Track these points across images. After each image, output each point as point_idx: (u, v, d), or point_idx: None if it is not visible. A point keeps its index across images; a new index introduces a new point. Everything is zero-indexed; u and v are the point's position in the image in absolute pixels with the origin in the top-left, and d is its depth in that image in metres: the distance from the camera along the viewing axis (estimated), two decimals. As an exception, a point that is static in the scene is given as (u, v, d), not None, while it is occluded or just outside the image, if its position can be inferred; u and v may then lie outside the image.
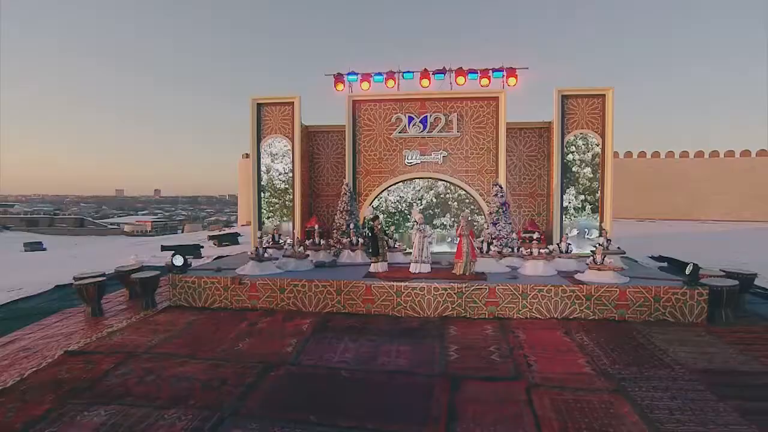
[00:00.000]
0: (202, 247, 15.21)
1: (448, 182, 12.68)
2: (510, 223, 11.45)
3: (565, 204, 12.43)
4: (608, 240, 10.48)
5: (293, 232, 12.30)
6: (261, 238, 11.07)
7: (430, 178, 12.73)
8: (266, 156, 13.47)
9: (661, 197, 27.37)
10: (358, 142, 13.11)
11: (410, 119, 12.73)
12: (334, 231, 12.23)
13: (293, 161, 13.22)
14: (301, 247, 9.98)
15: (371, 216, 9.98)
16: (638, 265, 10.89)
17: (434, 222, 12.87)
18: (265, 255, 9.54)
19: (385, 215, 13.13)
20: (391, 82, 12.81)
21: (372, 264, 9.49)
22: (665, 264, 12.04)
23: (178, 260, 8.94)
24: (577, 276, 8.85)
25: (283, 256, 9.95)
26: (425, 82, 12.63)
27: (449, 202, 12.83)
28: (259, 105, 13.29)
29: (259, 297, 8.60)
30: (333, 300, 8.24)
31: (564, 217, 12.47)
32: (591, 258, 8.99)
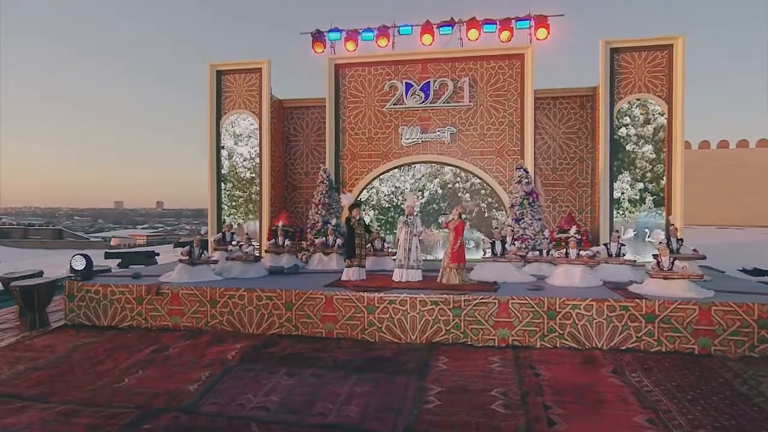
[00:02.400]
0: (158, 254, 13.91)
1: (458, 168, 11.19)
2: (539, 219, 9.74)
3: (616, 195, 10.56)
4: (679, 240, 8.52)
5: (243, 229, 10.79)
6: (212, 234, 9.63)
7: (434, 162, 11.28)
8: (228, 137, 12.16)
9: (751, 199, 24.56)
10: (342, 117, 11.69)
11: (408, 87, 11.25)
12: (308, 230, 10.78)
13: (261, 143, 11.85)
14: (250, 247, 8.45)
15: (350, 203, 8.42)
16: (726, 277, 8.83)
17: (440, 220, 11.15)
18: (203, 256, 8.06)
19: (377, 211, 11.54)
20: (383, 40, 11.38)
21: (345, 269, 7.97)
22: (765, 278, 9.90)
23: (78, 262, 7.52)
24: (633, 288, 7.04)
25: (227, 258, 8.50)
26: (427, 38, 11.13)
27: (459, 194, 11.25)
28: (219, 73, 12.03)
29: (183, 312, 7.41)
30: (281, 317, 7.12)
31: (616, 212, 10.55)
32: (654, 263, 7.10)
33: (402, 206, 11.34)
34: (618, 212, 10.58)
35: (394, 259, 8.13)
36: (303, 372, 5.62)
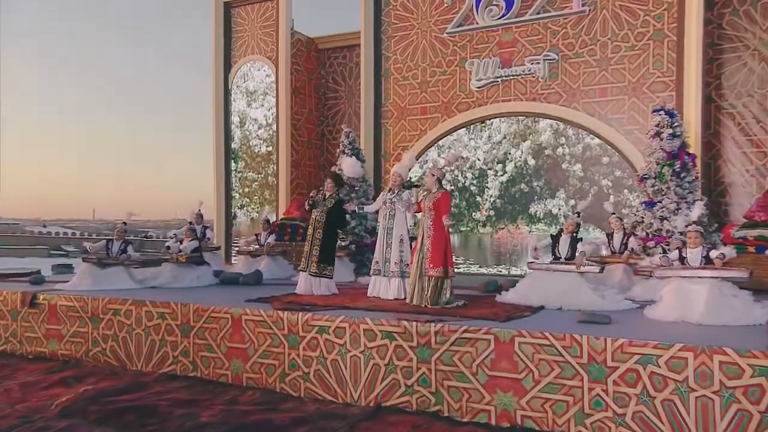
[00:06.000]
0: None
1: (562, 121, 9.84)
2: (702, 200, 7.88)
3: None
4: None
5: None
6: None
7: (522, 114, 10.07)
8: (240, 96, 11.97)
9: None
10: (386, 54, 10.95)
11: (480, -6, 10.48)
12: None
13: (277, 101, 11.42)
14: (189, 244, 8.06)
15: (354, 174, 8.01)
16: None
17: (531, 210, 10.13)
18: (124, 254, 7.81)
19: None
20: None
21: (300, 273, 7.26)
22: None
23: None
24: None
25: (161, 260, 8.41)
26: None
27: (563, 165, 9.78)
28: (227, 6, 12.01)
29: (62, 334, 7.13)
30: (176, 347, 6.53)
31: None
32: None
33: (471, 187, 10.47)
34: None
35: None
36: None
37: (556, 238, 6.45)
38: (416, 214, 6.61)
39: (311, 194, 7.10)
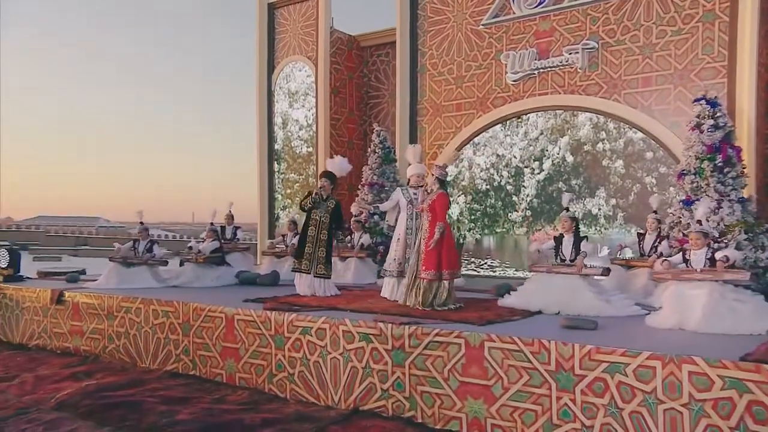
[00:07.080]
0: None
1: (602, 114, 9.50)
2: (745, 203, 7.46)
3: None
4: None
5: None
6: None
7: (560, 108, 9.77)
8: (282, 97, 12.32)
9: None
10: (421, 49, 10.96)
11: (516, -17, 10.25)
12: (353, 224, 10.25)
13: (317, 101, 11.67)
14: (210, 244, 8.36)
15: (342, 172, 7.84)
16: None
17: (571, 209, 9.24)
18: (147, 254, 8.27)
19: (470, 197, 10.65)
20: None
21: (296, 275, 7.37)
22: None
23: (1, 258, 8.38)
24: None
25: (182, 260, 8.89)
26: None
27: (603, 162, 9.41)
28: (271, 7, 12.43)
29: (83, 331, 7.60)
30: (178, 345, 6.85)
31: None
32: None
33: (507, 186, 10.20)
34: None
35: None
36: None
37: (559, 240, 6.20)
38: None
39: (313, 193, 7.22)
